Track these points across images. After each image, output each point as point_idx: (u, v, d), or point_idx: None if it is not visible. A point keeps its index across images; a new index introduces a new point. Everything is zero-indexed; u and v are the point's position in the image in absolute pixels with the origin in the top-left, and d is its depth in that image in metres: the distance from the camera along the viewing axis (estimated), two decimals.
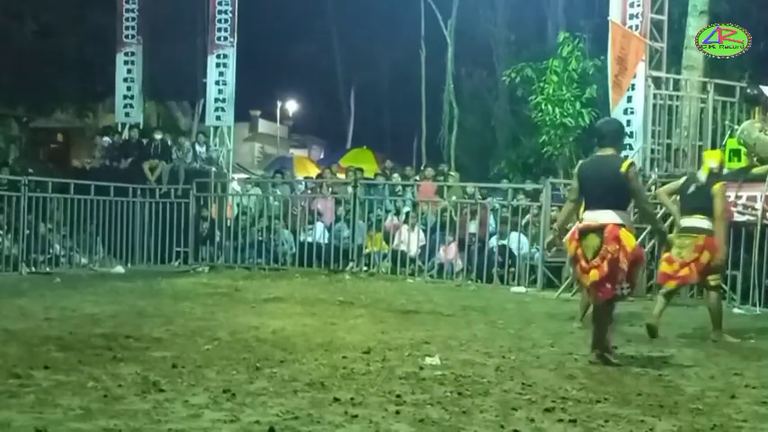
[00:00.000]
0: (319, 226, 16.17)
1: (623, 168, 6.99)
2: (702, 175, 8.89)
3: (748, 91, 13.63)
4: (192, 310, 9.96)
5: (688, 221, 8.74)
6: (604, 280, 6.97)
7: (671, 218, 9.74)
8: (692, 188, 8.81)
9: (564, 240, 7.80)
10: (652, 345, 8.19)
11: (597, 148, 7.44)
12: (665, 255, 8.81)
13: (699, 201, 8.67)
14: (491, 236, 14.79)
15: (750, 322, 10.25)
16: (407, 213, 15.78)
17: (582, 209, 7.48)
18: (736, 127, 13.07)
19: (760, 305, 11.46)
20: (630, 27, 13.56)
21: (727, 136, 13.37)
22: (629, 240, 6.99)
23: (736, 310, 11.32)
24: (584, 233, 7.12)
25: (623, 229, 6.99)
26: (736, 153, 12.61)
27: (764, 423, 5.23)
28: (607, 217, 7.00)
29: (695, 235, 8.64)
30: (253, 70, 25.04)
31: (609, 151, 7.23)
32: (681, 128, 13.82)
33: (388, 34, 29.69)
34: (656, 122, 13.55)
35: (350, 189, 16.23)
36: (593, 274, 7.01)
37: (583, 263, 7.09)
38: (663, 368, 6.97)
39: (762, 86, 13.28)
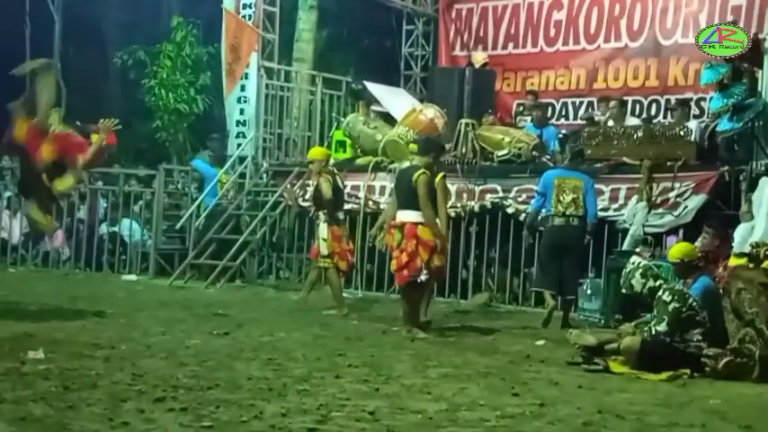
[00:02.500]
0: None
1: (415, 177, 8.42)
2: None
3: (353, 86, 14.47)
4: None
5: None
6: (402, 268, 8.45)
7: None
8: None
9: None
10: (262, 330, 8.40)
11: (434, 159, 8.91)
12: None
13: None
14: (101, 222, 14.30)
15: (353, 305, 10.85)
16: (9, 198, 14.78)
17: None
18: (342, 119, 13.80)
19: (362, 288, 12.19)
20: (244, 17, 13.76)
21: (334, 128, 14.07)
22: (426, 235, 8.35)
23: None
24: (393, 228, 8.60)
25: (420, 226, 8.37)
26: (342, 144, 13.33)
27: (366, 400, 5.55)
28: (407, 216, 8.45)
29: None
30: None
31: (415, 161, 8.85)
32: (291, 118, 14.28)
33: None
34: (269, 112, 13.88)
35: None
36: (393, 264, 8.59)
37: (395, 253, 8.55)
38: (273, 352, 7.16)
39: (365, 82, 14.14)
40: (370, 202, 12.20)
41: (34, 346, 6.85)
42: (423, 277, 8.44)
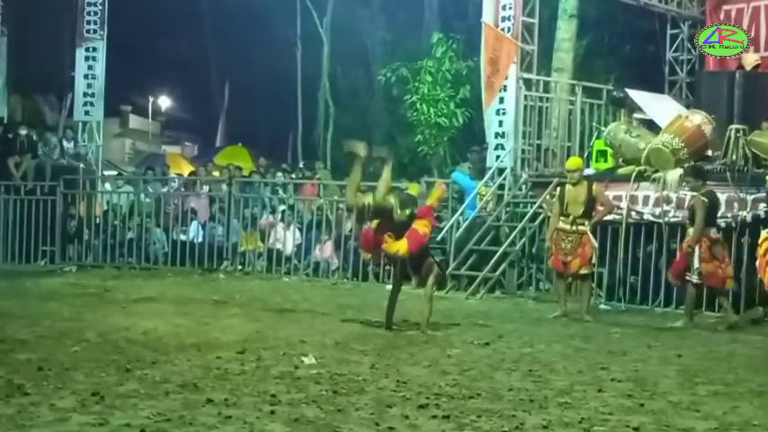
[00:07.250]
0: (194, 224, 15.89)
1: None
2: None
3: (614, 94, 14.13)
4: (59, 310, 9.63)
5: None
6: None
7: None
8: None
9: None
10: (522, 341, 8.38)
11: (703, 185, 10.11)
12: None
13: None
14: None
15: (615, 318, 10.60)
16: (283, 211, 15.69)
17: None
18: (602, 128, 13.51)
19: (624, 301, 11.87)
20: (503, 29, 13.81)
21: (594, 137, 13.81)
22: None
23: (602, 306, 11.71)
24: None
25: None
26: (602, 154, 13.05)
27: (630, 415, 5.40)
28: None
29: None
30: (124, 64, 24.37)
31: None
32: (550, 129, 14.16)
33: (263, 31, 29.36)
34: (527, 123, 13.83)
35: (224, 187, 16.01)
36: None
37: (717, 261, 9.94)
38: (533, 364, 7.12)
39: (627, 89, 13.79)
40: (633, 213, 11.86)
41: (306, 351, 7.24)
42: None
